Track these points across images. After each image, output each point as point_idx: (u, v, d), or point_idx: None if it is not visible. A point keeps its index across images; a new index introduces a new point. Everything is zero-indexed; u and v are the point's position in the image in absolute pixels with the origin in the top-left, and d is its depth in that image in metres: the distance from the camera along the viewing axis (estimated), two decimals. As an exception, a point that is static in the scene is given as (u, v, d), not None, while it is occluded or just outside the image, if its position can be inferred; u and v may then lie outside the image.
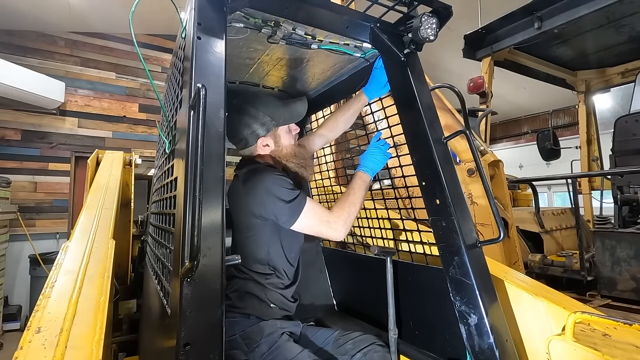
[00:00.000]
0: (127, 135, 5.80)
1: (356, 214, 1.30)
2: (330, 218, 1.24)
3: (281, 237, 1.34)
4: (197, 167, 0.71)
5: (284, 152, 1.42)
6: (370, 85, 1.50)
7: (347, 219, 1.25)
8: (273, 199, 1.21)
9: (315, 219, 1.23)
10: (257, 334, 1.25)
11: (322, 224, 1.23)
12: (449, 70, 8.00)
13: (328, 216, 1.24)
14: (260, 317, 1.30)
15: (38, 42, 5.24)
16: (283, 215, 1.22)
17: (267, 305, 1.32)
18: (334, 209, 1.27)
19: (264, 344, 1.23)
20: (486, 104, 3.55)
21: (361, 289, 1.79)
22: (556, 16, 2.97)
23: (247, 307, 1.29)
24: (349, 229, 1.28)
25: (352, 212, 1.27)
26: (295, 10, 1.13)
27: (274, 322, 1.30)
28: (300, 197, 1.23)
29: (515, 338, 1.17)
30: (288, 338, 1.28)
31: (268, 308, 1.32)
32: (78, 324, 0.77)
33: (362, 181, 1.35)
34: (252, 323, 1.27)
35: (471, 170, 2.30)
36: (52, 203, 5.24)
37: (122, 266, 2.31)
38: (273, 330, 1.27)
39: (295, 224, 1.22)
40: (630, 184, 3.09)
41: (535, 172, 6.34)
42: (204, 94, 0.74)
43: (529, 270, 2.97)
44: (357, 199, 1.30)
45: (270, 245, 1.32)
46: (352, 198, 1.30)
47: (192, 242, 0.69)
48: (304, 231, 1.28)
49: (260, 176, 1.26)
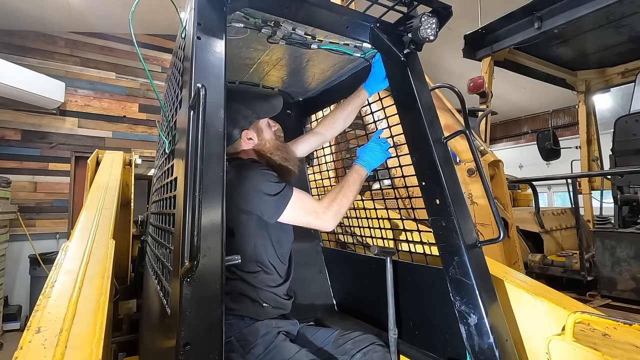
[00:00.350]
0: (127, 135, 5.80)
1: (348, 206, 1.29)
2: (319, 209, 1.23)
3: (269, 231, 1.32)
4: (197, 167, 0.71)
5: (267, 145, 1.43)
6: (369, 80, 1.51)
7: (337, 211, 1.25)
8: (259, 194, 1.21)
9: (301, 210, 1.22)
10: (253, 334, 1.23)
11: (309, 214, 1.23)
12: (449, 70, 8.00)
13: (316, 207, 1.23)
14: (254, 317, 1.28)
15: (38, 42, 5.24)
16: (268, 209, 1.21)
17: (260, 305, 1.30)
18: (324, 199, 1.27)
19: (260, 345, 1.21)
20: (486, 104, 3.55)
21: (361, 289, 1.79)
22: (556, 16, 2.97)
23: (241, 308, 1.27)
24: (339, 220, 1.27)
25: (343, 203, 1.26)
26: (295, 10, 1.13)
27: (269, 322, 1.29)
28: (286, 189, 1.22)
29: (515, 338, 1.16)
30: (284, 338, 1.27)
31: (261, 308, 1.30)
32: (78, 324, 0.77)
33: (358, 175, 1.35)
34: (247, 324, 1.25)
35: (471, 170, 2.30)
36: (52, 203, 5.25)
37: (122, 266, 2.31)
38: (268, 330, 1.25)
39: (282, 216, 1.21)
40: (630, 184, 3.09)
41: (535, 172, 6.33)
42: (204, 94, 0.74)
43: (529, 270, 2.97)
44: (351, 192, 1.30)
45: (256, 240, 1.29)
46: (346, 190, 1.29)
47: (192, 242, 0.69)
48: (292, 222, 1.26)
49: (246, 171, 1.26)
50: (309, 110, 2.04)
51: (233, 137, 1.39)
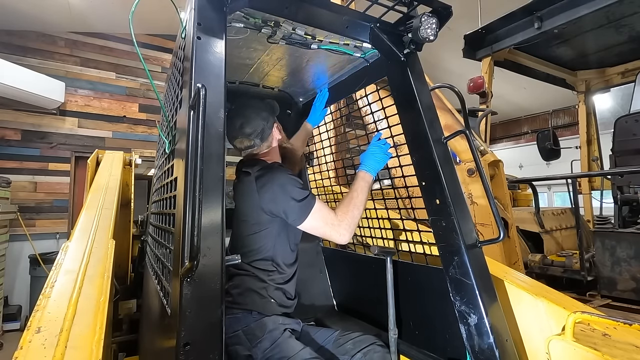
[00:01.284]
0: (127, 135, 5.80)
1: (360, 216, 1.30)
2: (335, 221, 1.24)
3: (289, 234, 1.37)
4: (197, 167, 0.71)
5: (284, 138, 1.55)
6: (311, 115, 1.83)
7: (351, 222, 1.25)
8: (286, 197, 1.24)
9: (321, 220, 1.24)
10: (260, 329, 1.25)
11: (327, 225, 1.24)
12: (449, 70, 8.00)
13: (333, 219, 1.24)
14: (262, 312, 1.30)
15: (38, 42, 5.24)
16: (293, 213, 1.24)
17: (269, 300, 1.32)
18: (338, 212, 1.27)
19: (267, 340, 1.23)
20: (486, 104, 3.55)
21: (361, 289, 1.79)
22: (556, 16, 2.98)
23: (248, 303, 1.30)
24: (353, 232, 1.27)
25: (355, 215, 1.27)
26: (295, 10, 1.13)
27: (276, 318, 1.31)
28: (310, 197, 1.25)
29: (515, 338, 1.17)
30: (290, 335, 1.29)
31: (269, 303, 1.32)
32: (78, 324, 0.77)
33: (365, 182, 1.35)
34: (255, 319, 1.27)
35: (471, 170, 2.30)
36: (52, 203, 5.24)
37: (122, 266, 2.30)
38: (275, 326, 1.27)
39: (303, 223, 1.24)
40: (630, 184, 3.09)
41: (535, 172, 6.33)
42: (204, 94, 0.74)
43: (529, 270, 2.97)
44: (361, 202, 1.30)
45: (277, 240, 1.34)
46: (356, 201, 1.29)
47: (192, 242, 0.69)
48: (310, 231, 1.27)
49: (275, 174, 1.29)
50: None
51: (265, 133, 1.42)
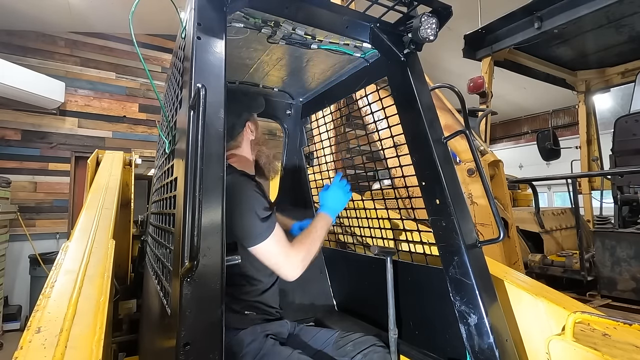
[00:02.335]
0: (127, 135, 5.80)
1: (314, 254, 1.25)
2: (291, 252, 1.18)
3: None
4: (197, 167, 0.71)
5: (261, 139, 1.50)
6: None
7: (306, 257, 1.20)
8: (251, 213, 1.16)
9: (278, 247, 1.17)
10: (238, 345, 1.17)
11: (281, 255, 1.17)
12: (449, 70, 8.00)
13: (289, 249, 1.18)
14: (237, 327, 1.22)
15: (38, 42, 5.24)
16: (254, 230, 1.15)
17: (242, 314, 1.26)
18: (295, 244, 1.21)
19: (248, 355, 1.16)
20: (486, 104, 3.55)
21: (361, 289, 1.79)
22: (556, 16, 2.98)
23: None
24: (304, 269, 1.20)
25: (311, 250, 1.23)
26: (295, 10, 1.13)
27: (254, 328, 1.23)
28: (271, 219, 1.18)
29: (515, 338, 1.17)
30: (274, 342, 1.22)
31: (244, 316, 1.26)
32: (78, 324, 0.77)
33: (325, 222, 1.35)
34: (230, 336, 1.18)
35: (471, 170, 2.30)
36: (52, 203, 5.24)
37: (122, 266, 2.30)
38: (254, 337, 1.21)
39: (257, 245, 1.15)
40: (630, 184, 3.09)
41: (535, 172, 6.33)
42: (204, 94, 0.74)
43: (529, 270, 2.97)
44: (318, 239, 1.28)
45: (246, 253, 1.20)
46: (314, 236, 1.27)
47: (192, 242, 0.69)
48: (262, 257, 1.17)
49: (240, 187, 1.21)
50: (309, 110, 2.04)
51: (236, 130, 1.40)
